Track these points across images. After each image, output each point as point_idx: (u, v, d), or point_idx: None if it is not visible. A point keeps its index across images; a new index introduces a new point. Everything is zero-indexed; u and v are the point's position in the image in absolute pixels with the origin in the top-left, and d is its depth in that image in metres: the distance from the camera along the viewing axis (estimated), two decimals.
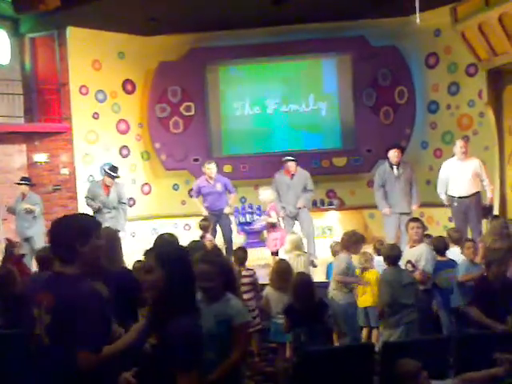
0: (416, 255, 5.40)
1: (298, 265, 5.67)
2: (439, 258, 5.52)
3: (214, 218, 8.05)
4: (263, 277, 6.02)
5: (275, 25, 9.58)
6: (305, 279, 4.58)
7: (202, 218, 7.63)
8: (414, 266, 5.30)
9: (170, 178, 10.45)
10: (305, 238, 7.74)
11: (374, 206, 8.64)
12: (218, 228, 8.35)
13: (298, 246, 5.95)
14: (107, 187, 8.02)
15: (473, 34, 8.35)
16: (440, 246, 5.61)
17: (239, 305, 3.21)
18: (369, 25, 9.77)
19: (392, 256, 4.98)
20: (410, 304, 4.76)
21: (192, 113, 10.38)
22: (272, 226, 7.82)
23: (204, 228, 7.16)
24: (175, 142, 10.29)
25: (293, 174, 8.29)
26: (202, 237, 6.83)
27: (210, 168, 8.33)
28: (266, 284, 5.30)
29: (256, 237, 9.16)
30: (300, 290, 4.47)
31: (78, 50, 9.44)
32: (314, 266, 6.41)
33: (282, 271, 5.08)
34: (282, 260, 5.61)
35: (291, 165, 8.30)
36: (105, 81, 9.89)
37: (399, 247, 5.33)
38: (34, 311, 2.56)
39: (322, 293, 5.13)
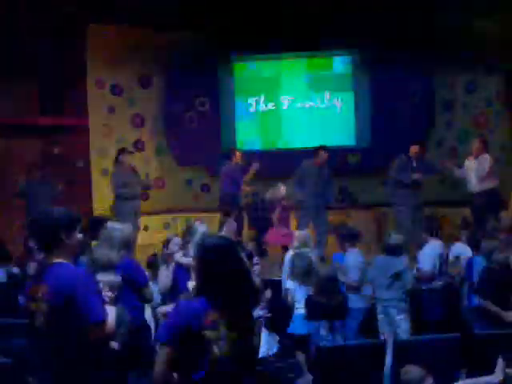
0: None
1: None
2: None
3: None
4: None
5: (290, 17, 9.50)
6: (330, 274, 4.69)
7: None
8: None
9: (184, 173, 10.48)
10: (317, 235, 7.77)
11: (387, 204, 8.66)
12: None
13: (306, 243, 5.98)
14: (129, 167, 8.22)
15: (491, 32, 8.31)
16: None
17: None
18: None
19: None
20: None
21: (206, 108, 10.40)
22: (280, 221, 7.87)
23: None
24: (189, 136, 10.31)
25: (322, 166, 8.11)
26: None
27: None
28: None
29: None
30: (324, 284, 4.58)
31: (95, 44, 9.49)
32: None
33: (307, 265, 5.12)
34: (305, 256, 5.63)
35: (325, 155, 8.06)
36: (121, 75, 9.94)
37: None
38: (30, 305, 2.70)
39: None
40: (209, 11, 9.06)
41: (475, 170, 7.65)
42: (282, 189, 8.06)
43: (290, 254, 5.95)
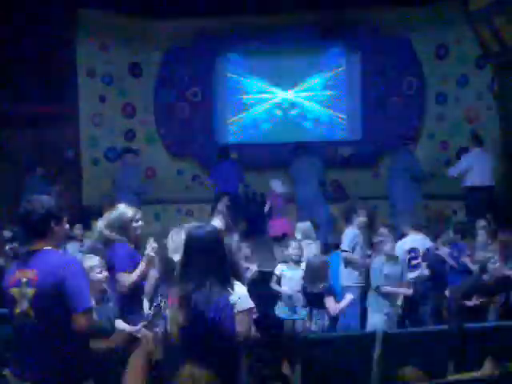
0: None
1: (308, 253, 5.69)
2: None
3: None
4: None
5: (285, 12, 9.50)
6: (315, 263, 4.76)
7: None
8: None
9: (175, 163, 10.44)
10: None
11: (379, 197, 8.69)
12: None
13: (308, 235, 6.00)
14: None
15: (483, 26, 8.30)
16: None
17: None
18: (378, 14, 9.68)
19: None
20: None
21: (199, 99, 10.35)
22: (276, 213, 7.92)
23: None
24: (181, 127, 10.27)
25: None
26: None
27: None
28: None
29: None
30: (309, 273, 4.66)
31: (86, 32, 9.40)
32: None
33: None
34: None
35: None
36: (112, 64, 9.86)
37: None
38: (11, 291, 2.69)
39: None
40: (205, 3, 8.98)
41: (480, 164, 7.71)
42: (276, 182, 8.17)
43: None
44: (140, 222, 4.14)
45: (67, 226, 2.87)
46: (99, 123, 9.83)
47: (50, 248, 2.74)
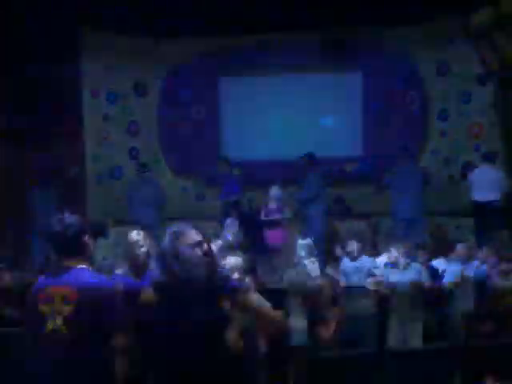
0: None
1: (312, 272, 5.69)
2: None
3: None
4: None
5: (286, 29, 9.56)
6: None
7: None
8: None
9: (179, 181, 10.47)
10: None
11: (381, 214, 8.70)
12: None
13: (312, 253, 6.00)
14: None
15: (483, 43, 8.37)
16: None
17: None
18: (379, 32, 9.74)
19: None
20: None
21: (202, 117, 10.42)
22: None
23: None
24: (185, 145, 10.32)
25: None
26: None
27: None
28: None
29: None
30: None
31: (90, 52, 9.50)
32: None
33: None
34: None
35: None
36: (117, 82, 9.95)
37: None
38: (41, 309, 2.62)
39: None
40: (208, 23, 9.06)
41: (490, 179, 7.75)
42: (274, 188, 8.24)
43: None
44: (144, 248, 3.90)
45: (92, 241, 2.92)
46: (103, 141, 9.88)
47: (84, 266, 2.77)
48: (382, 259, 6.24)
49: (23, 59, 8.99)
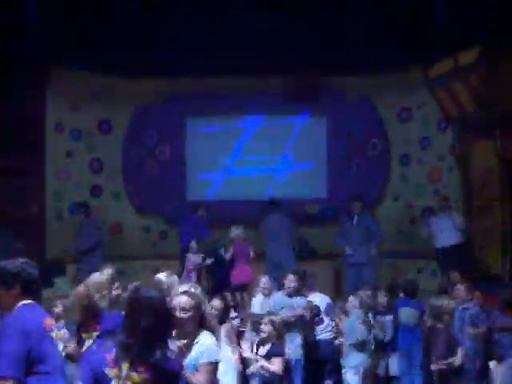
0: None
1: None
2: None
3: None
4: None
5: (252, 75, 9.71)
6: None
7: None
8: None
9: (142, 220, 10.35)
10: None
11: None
12: None
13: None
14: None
15: (442, 92, 8.73)
16: None
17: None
18: (341, 79, 10.01)
19: None
20: None
21: (167, 156, 10.41)
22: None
23: None
24: (148, 184, 10.25)
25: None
26: None
27: None
28: None
29: None
30: None
31: (56, 88, 9.44)
32: None
33: None
34: None
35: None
36: (81, 119, 9.88)
37: None
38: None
39: None
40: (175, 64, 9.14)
41: (448, 225, 7.96)
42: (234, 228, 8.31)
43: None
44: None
45: None
46: (65, 178, 9.73)
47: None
48: None
49: None
